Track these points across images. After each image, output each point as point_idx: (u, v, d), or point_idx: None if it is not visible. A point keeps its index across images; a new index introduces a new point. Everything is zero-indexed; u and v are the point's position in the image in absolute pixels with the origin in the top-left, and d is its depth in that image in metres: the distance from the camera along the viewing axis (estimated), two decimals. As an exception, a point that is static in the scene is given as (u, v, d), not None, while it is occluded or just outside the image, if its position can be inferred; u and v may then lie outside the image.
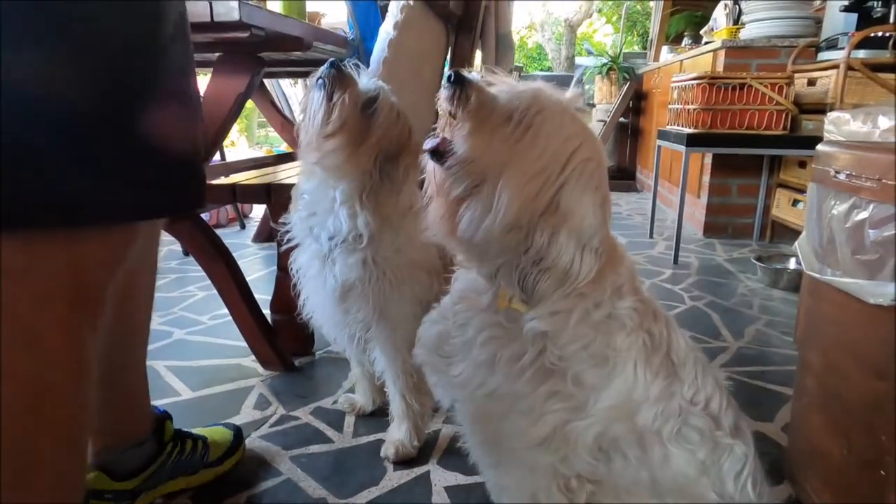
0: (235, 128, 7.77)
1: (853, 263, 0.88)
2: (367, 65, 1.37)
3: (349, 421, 1.35)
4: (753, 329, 1.91)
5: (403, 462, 1.18)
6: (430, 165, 0.70)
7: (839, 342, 0.96)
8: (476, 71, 0.75)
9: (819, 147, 1.04)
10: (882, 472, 0.84)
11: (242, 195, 1.38)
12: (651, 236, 3.26)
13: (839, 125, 1.61)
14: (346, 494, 1.10)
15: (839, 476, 0.95)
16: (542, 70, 8.55)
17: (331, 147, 0.94)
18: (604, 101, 5.48)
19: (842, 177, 0.93)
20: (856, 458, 0.91)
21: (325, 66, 0.96)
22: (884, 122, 1.41)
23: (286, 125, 2.88)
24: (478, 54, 1.70)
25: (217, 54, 1.37)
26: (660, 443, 0.72)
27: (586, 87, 6.70)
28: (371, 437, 1.28)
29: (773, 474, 1.16)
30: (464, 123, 0.66)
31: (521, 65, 6.60)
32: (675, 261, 2.71)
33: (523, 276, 0.67)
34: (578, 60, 8.31)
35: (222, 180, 1.42)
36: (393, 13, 1.18)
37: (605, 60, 5.54)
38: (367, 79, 0.99)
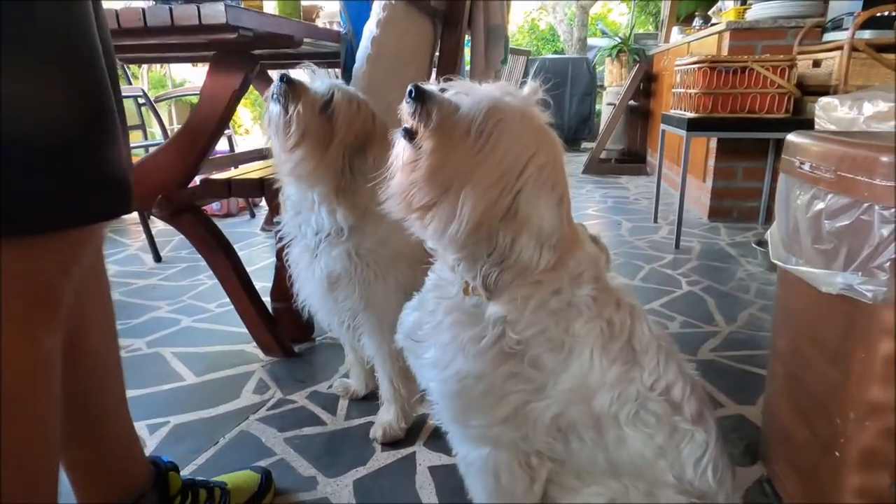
0: (248, 116, 7.84)
1: (812, 252, 0.91)
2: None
3: (342, 404, 1.42)
4: (747, 314, 1.93)
5: (391, 443, 1.24)
6: (400, 143, 0.72)
7: (802, 329, 0.99)
8: (441, 81, 0.76)
9: (788, 137, 1.06)
10: (837, 454, 0.88)
11: (238, 189, 1.43)
12: (655, 221, 3.27)
13: (828, 111, 1.61)
14: (335, 474, 1.16)
15: (803, 458, 0.99)
16: (554, 52, 8.47)
17: (298, 157, 0.99)
18: (614, 83, 5.44)
19: (806, 167, 0.95)
20: (817, 441, 0.94)
21: (276, 80, 0.98)
22: (868, 109, 1.42)
23: (291, 115, 2.93)
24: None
25: (212, 53, 1.41)
26: (616, 426, 0.76)
27: (599, 68, 6.65)
28: (362, 420, 1.34)
29: (749, 455, 1.20)
30: (426, 139, 0.68)
31: (528, 49, 6.55)
32: (677, 245, 2.73)
33: (486, 274, 0.71)
34: (591, 41, 8.23)
35: (218, 175, 1.48)
36: (376, 11, 1.21)
37: (616, 42, 5.49)
38: (319, 82, 1.02)
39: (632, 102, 5.11)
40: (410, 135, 0.70)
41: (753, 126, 2.56)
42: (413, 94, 0.68)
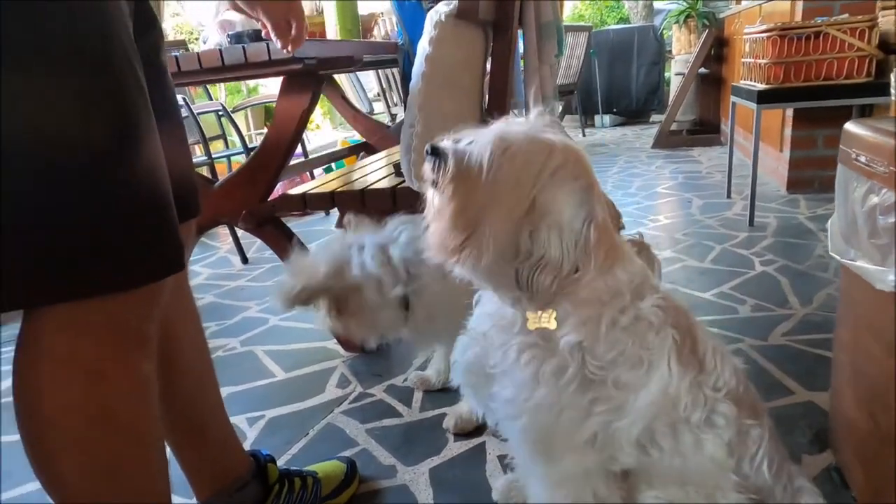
0: (319, 111, 8.12)
1: (869, 247, 0.90)
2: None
3: (417, 397, 1.52)
4: (824, 294, 1.87)
5: (462, 434, 1.33)
6: (429, 193, 0.78)
7: (863, 320, 0.99)
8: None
9: (845, 126, 1.04)
10: (899, 446, 0.89)
11: (312, 203, 1.56)
12: (729, 196, 3.17)
13: (903, 82, 1.53)
14: (412, 462, 1.27)
15: (866, 449, 0.99)
16: (617, 23, 8.18)
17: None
18: (682, 51, 5.23)
19: (862, 160, 0.94)
20: (878, 432, 0.94)
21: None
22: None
23: (358, 117, 3.05)
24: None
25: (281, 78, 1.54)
26: (690, 430, 0.77)
27: (666, 34, 6.39)
28: (436, 412, 1.44)
29: (819, 443, 1.20)
30: (446, 188, 0.73)
31: (590, 24, 6.37)
32: (751, 222, 2.65)
33: (523, 280, 0.74)
34: (658, 5, 7.88)
35: (294, 190, 1.61)
36: (428, 30, 1.28)
37: (683, 6, 5.25)
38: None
39: (702, 70, 4.90)
40: (436, 186, 0.75)
41: (831, 94, 2.43)
42: (430, 152, 0.74)
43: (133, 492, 0.74)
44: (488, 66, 1.56)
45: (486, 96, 1.58)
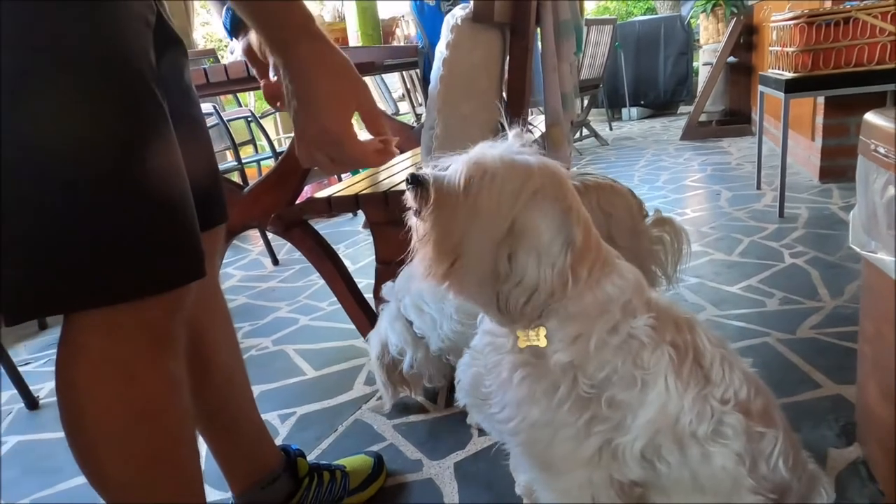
0: (346, 113, 8.20)
1: (888, 238, 0.90)
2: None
3: (442, 393, 1.56)
4: (855, 285, 1.84)
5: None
6: (412, 220, 0.78)
7: (885, 312, 0.98)
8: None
9: (865, 116, 1.03)
10: (923, 438, 0.88)
11: (337, 205, 1.60)
12: (759, 187, 3.11)
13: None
14: (437, 457, 1.30)
15: (890, 440, 0.99)
16: (643, 14, 8.07)
17: None
18: (710, 40, 5.14)
19: (881, 151, 0.94)
20: (903, 424, 0.94)
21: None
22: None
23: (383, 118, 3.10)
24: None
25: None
26: (697, 444, 0.77)
27: (694, 23, 6.28)
28: (460, 408, 1.47)
29: (846, 436, 1.19)
30: (428, 216, 0.74)
31: (614, 17, 6.30)
32: (781, 214, 2.60)
33: (501, 302, 0.74)
34: (687, -6, 7.75)
35: (320, 193, 1.66)
36: (444, 34, 1.31)
37: (710, -5, 5.16)
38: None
39: (731, 59, 4.81)
40: (418, 214, 0.76)
41: (861, 80, 2.38)
42: (410, 181, 0.76)
43: (169, 483, 0.78)
44: (506, 68, 1.58)
45: (505, 98, 1.60)
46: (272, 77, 0.85)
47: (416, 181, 0.75)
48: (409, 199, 0.77)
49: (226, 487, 1.07)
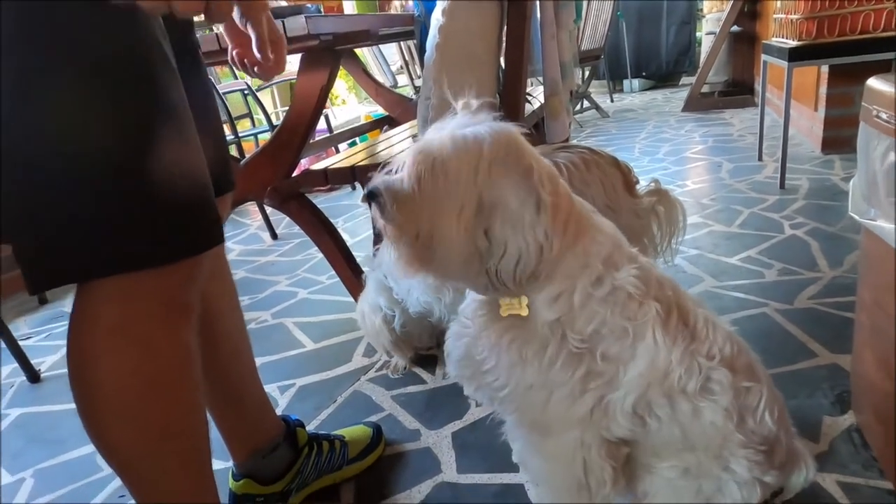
0: (344, 86, 8.12)
1: (888, 205, 0.89)
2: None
3: (440, 364, 1.56)
4: (854, 256, 1.83)
5: (484, 399, 1.37)
6: (373, 212, 0.77)
7: (883, 280, 0.98)
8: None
9: (868, 82, 1.01)
10: (917, 405, 0.88)
11: (333, 177, 1.59)
12: (760, 158, 3.08)
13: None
14: (435, 426, 1.32)
15: (885, 408, 0.99)
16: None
17: None
18: (714, 9, 5.04)
19: (882, 116, 0.92)
20: (898, 392, 0.94)
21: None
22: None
23: (380, 90, 3.05)
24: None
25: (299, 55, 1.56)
26: (687, 399, 0.77)
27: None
28: (458, 379, 1.48)
29: (840, 404, 1.20)
30: (393, 224, 0.74)
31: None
32: (782, 185, 2.58)
33: (492, 277, 0.74)
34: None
35: (316, 166, 1.64)
36: (440, 1, 1.28)
37: (714, -38, 5.05)
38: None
39: (735, 28, 4.72)
40: (375, 197, 0.75)
41: (867, 48, 2.33)
42: (367, 197, 0.76)
43: (180, 453, 0.79)
44: (504, 36, 1.55)
45: (503, 67, 1.57)
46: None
47: (372, 196, 0.75)
48: (374, 215, 0.76)
49: (226, 456, 1.08)
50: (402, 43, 4.05)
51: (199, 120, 0.76)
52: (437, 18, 1.30)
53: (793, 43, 2.45)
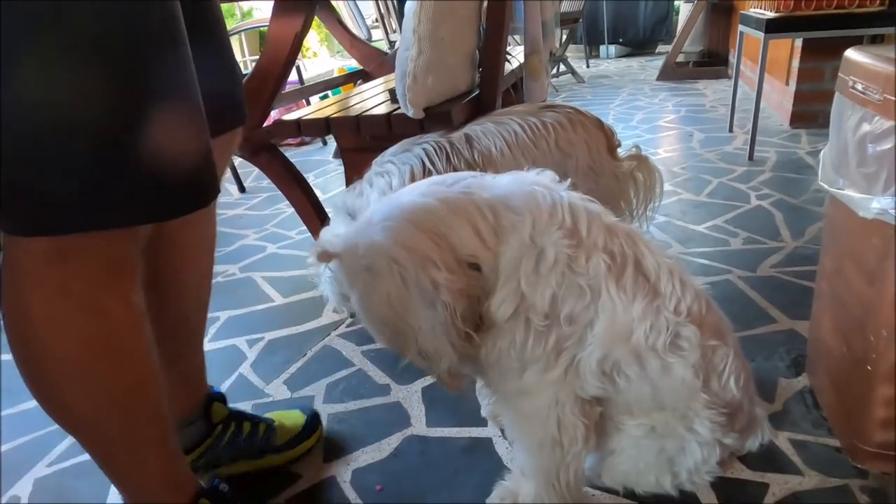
0: (316, 38, 7.87)
1: (857, 175, 0.91)
2: None
3: (411, 322, 1.57)
4: (816, 227, 1.89)
5: (454, 356, 1.38)
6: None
7: (846, 249, 1.01)
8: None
9: (845, 53, 1.02)
10: (869, 368, 0.93)
11: (307, 129, 1.54)
12: (731, 130, 3.13)
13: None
14: (405, 382, 1.33)
15: (839, 371, 1.04)
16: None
17: None
18: (694, -23, 4.99)
19: (858, 88, 0.94)
20: (851, 356, 0.98)
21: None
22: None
23: (355, 43, 2.96)
24: None
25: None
26: (656, 356, 0.78)
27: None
28: (429, 336, 1.49)
29: (795, 367, 1.25)
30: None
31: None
32: (751, 156, 2.63)
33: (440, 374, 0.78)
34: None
35: (288, 116, 1.59)
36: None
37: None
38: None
39: (713, -2, 4.72)
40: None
41: (842, 23, 2.36)
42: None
43: (136, 418, 0.77)
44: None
45: (484, 23, 1.53)
46: None
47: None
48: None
49: (193, 407, 1.07)
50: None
51: (211, 84, 0.73)
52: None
53: (770, 14, 2.46)
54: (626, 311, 0.76)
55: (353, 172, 1.67)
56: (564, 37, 5.20)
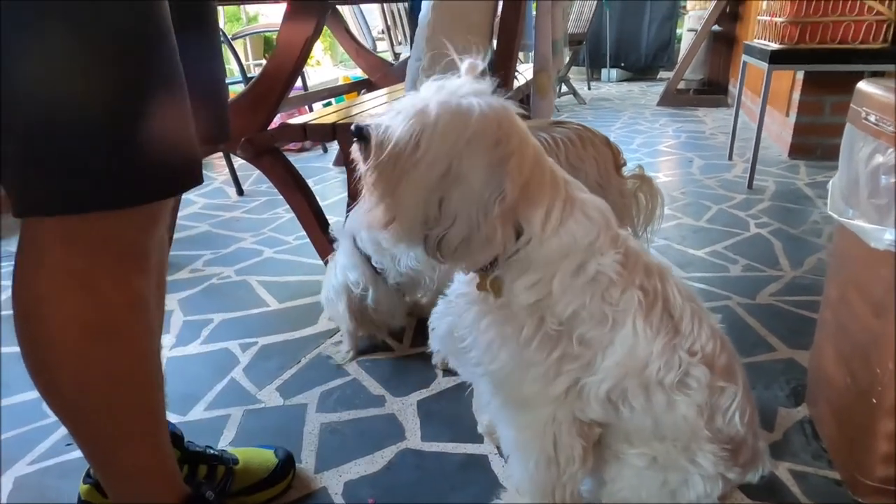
0: (320, 47, 7.90)
1: (868, 206, 0.91)
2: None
3: (408, 333, 1.55)
4: (815, 258, 1.90)
5: (450, 370, 1.36)
6: (355, 151, 0.76)
7: (852, 279, 1.01)
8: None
9: (858, 85, 1.03)
10: (874, 400, 0.92)
11: (312, 133, 1.53)
12: (730, 158, 3.15)
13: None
14: (401, 394, 1.30)
15: (841, 402, 1.03)
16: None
17: None
18: (697, 6, 5.08)
19: (871, 119, 0.94)
20: (856, 387, 0.98)
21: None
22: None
23: (361, 52, 2.97)
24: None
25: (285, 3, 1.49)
26: (663, 392, 0.78)
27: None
28: (425, 349, 1.46)
29: (795, 397, 1.24)
30: (372, 173, 0.72)
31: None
32: (750, 185, 2.65)
33: (429, 245, 0.74)
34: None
35: (295, 120, 1.58)
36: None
37: (702, -40, 5.08)
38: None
39: (716, 27, 4.78)
40: (364, 140, 0.74)
41: (844, 58, 2.39)
42: (353, 135, 0.74)
43: (129, 405, 0.75)
44: (500, 5, 1.51)
45: (496, 36, 1.54)
46: None
47: (359, 135, 0.73)
48: (355, 150, 0.75)
49: (184, 410, 1.04)
50: (385, 6, 3.95)
51: (199, 83, 0.74)
52: (434, -22, 1.26)
53: (775, 46, 2.49)
54: (647, 345, 0.76)
55: (356, 181, 1.66)
56: (568, 58, 5.25)
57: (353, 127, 0.73)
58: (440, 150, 0.70)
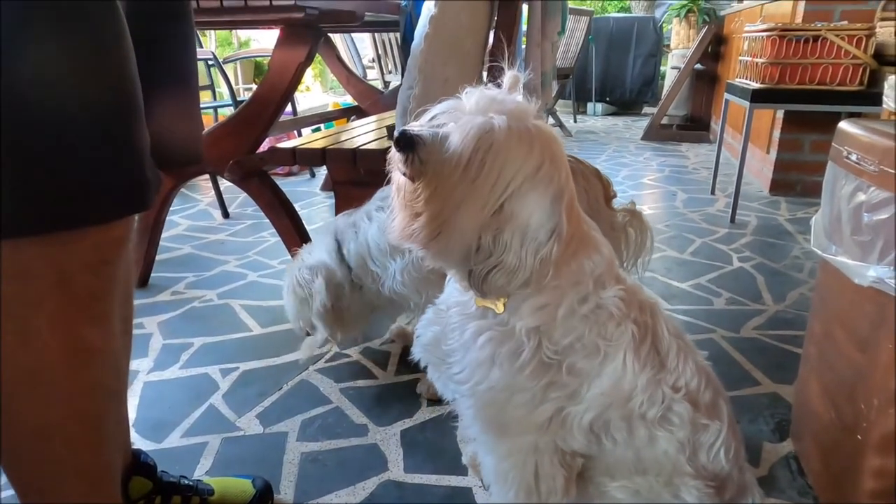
0: (310, 73, 7.97)
1: (851, 243, 0.92)
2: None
3: (393, 360, 1.53)
4: (797, 293, 1.92)
5: (435, 400, 1.34)
6: (396, 177, 0.72)
7: (837, 315, 1.02)
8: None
9: (839, 125, 1.05)
10: (859, 437, 0.92)
11: (302, 157, 1.53)
12: (713, 193, 3.20)
13: (896, 90, 1.55)
14: (384, 423, 1.28)
15: (827, 437, 1.03)
16: (619, 11, 8.13)
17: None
18: (680, 45, 5.23)
19: (853, 158, 0.96)
20: (841, 423, 0.98)
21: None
22: (938, 91, 1.37)
23: (352, 79, 3.00)
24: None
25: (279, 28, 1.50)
26: (645, 426, 0.78)
27: (666, 27, 6.38)
28: (410, 377, 1.45)
29: (780, 432, 1.24)
30: (423, 188, 0.69)
31: (591, 9, 6.32)
32: (732, 220, 2.69)
33: (475, 277, 0.72)
34: (661, -2, 7.85)
35: (285, 144, 1.58)
36: (434, -9, 1.26)
37: (685, 0, 5.25)
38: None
39: (698, 66, 4.92)
40: (407, 176, 0.70)
41: (822, 99, 2.46)
42: (401, 144, 0.68)
43: (64, 461, 0.68)
44: (491, 37, 1.54)
45: (487, 65, 1.56)
46: None
47: (409, 145, 0.67)
48: (397, 159, 0.70)
49: (158, 437, 1.01)
50: (376, 35, 4.00)
51: (176, 91, 0.72)
52: (428, 8, 1.28)
53: (756, 85, 2.56)
54: (633, 378, 0.76)
55: (345, 206, 1.65)
56: (555, 91, 5.35)
57: (398, 132, 0.67)
58: (501, 177, 0.67)
